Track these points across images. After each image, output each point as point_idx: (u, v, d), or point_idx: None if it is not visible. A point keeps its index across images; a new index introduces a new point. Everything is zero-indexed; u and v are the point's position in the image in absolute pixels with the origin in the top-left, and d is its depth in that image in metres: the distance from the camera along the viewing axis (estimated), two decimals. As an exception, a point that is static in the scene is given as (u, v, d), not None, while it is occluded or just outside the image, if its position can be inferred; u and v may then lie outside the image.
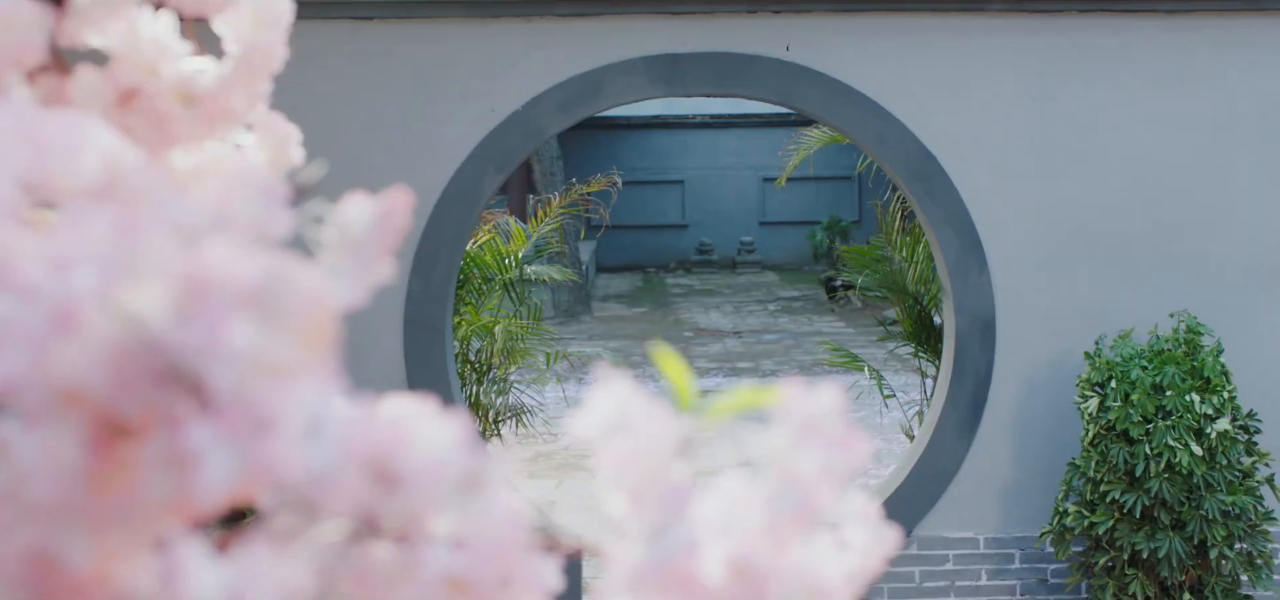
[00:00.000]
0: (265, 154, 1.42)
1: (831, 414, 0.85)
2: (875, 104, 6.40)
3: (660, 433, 0.81)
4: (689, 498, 0.81)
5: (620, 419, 0.81)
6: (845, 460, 0.85)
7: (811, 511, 0.82)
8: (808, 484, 0.82)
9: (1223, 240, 6.51)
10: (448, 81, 6.32)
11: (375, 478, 0.72)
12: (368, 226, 0.97)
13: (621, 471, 0.81)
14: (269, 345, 0.70)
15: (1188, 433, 5.73)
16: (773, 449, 0.82)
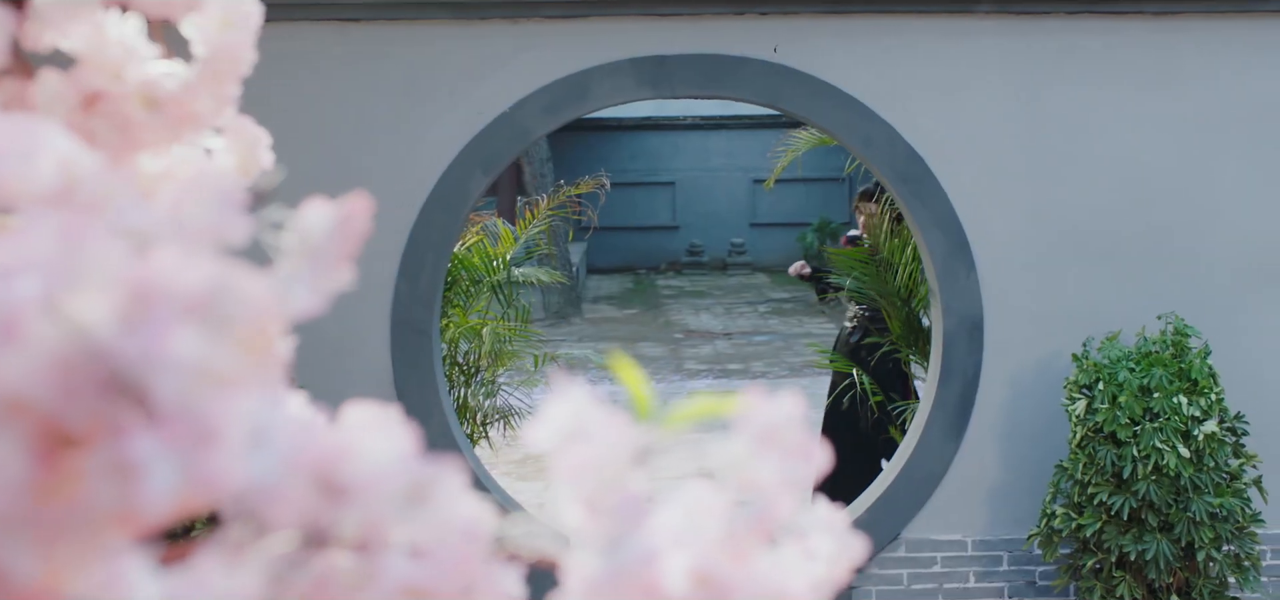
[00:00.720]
0: (234, 158, 1.40)
1: (791, 422, 0.84)
2: (862, 105, 6.39)
3: (617, 441, 0.80)
4: (646, 507, 0.80)
5: (576, 427, 0.80)
6: (804, 469, 0.84)
7: (771, 521, 0.81)
8: (767, 493, 0.81)
9: (1210, 242, 6.51)
10: (435, 83, 6.31)
11: (321, 489, 0.71)
12: (326, 232, 0.96)
13: (578, 480, 0.80)
14: (213, 355, 0.69)
15: (1175, 435, 5.72)
16: (732, 458, 0.82)
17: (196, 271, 0.72)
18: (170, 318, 0.70)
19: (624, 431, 0.80)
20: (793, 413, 0.85)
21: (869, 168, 6.64)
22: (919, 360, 7.76)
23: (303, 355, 6.17)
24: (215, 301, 0.71)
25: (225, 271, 0.73)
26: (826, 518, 0.97)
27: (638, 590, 0.78)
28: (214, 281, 0.72)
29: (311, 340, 6.25)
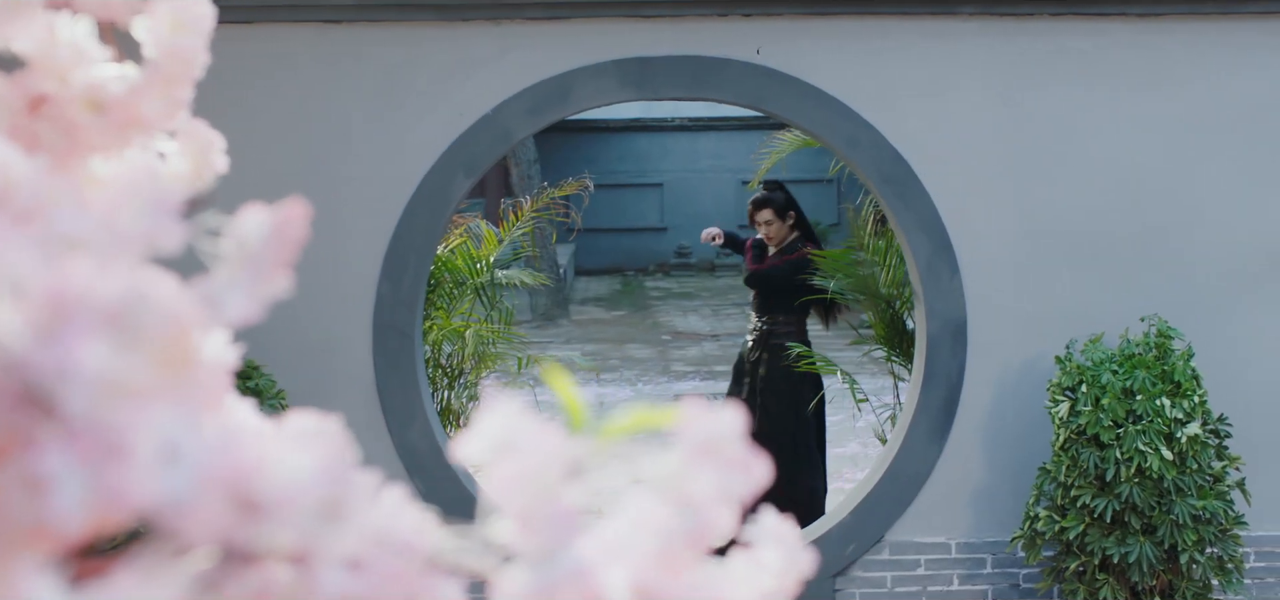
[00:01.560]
0: (187, 162, 1.39)
1: (730, 434, 0.83)
2: (846, 107, 6.39)
3: (550, 454, 0.79)
4: (579, 521, 0.79)
5: (508, 439, 0.79)
6: (744, 482, 0.83)
7: (707, 535, 0.80)
8: (703, 507, 0.80)
9: (1195, 244, 6.51)
10: (416, 85, 6.29)
11: (237, 504, 0.69)
12: (263, 239, 0.94)
13: (509, 494, 0.79)
14: (125, 366, 0.67)
15: (1158, 437, 5.72)
16: (667, 471, 0.80)
17: (112, 282, 0.71)
18: (84, 329, 0.69)
19: (557, 444, 0.79)
20: (732, 425, 0.83)
21: (853, 170, 6.63)
22: (903, 363, 7.75)
23: (285, 358, 6.16)
24: (130, 312, 0.70)
25: (141, 282, 0.71)
26: (774, 529, 0.95)
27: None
28: (129, 292, 0.70)
29: (293, 343, 6.23)
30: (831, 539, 6.59)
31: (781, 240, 8.25)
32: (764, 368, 8.08)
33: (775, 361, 8.07)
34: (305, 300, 6.27)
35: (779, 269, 8.14)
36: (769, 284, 8.14)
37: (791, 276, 8.11)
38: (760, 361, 8.09)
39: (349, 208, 6.31)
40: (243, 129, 6.26)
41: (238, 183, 6.35)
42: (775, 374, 8.06)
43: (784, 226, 8.24)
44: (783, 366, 8.04)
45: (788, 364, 7.98)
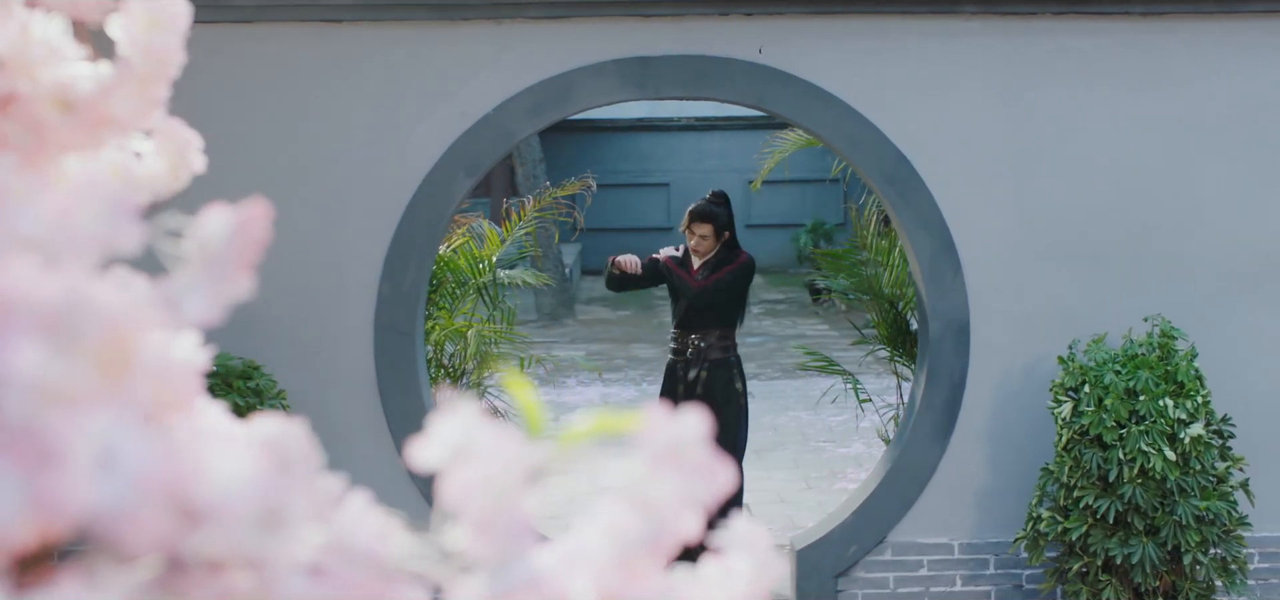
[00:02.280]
0: (164, 162, 1.37)
1: (694, 441, 0.81)
2: (848, 107, 6.37)
3: (507, 460, 0.77)
4: (535, 529, 0.77)
5: (465, 446, 0.77)
6: (707, 488, 0.81)
7: (670, 541, 0.78)
8: (665, 513, 0.78)
9: (1198, 244, 6.49)
10: (417, 85, 6.28)
11: (176, 512, 0.68)
12: (224, 240, 0.93)
13: (466, 500, 0.77)
14: (62, 371, 0.66)
15: (1161, 438, 5.70)
16: (628, 478, 0.78)
17: (51, 285, 0.69)
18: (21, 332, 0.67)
19: (514, 450, 0.77)
20: (696, 431, 0.82)
21: (855, 169, 6.61)
22: (906, 363, 7.73)
23: (286, 358, 6.15)
24: (68, 317, 0.68)
25: (81, 286, 0.69)
26: (745, 535, 0.93)
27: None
28: (68, 296, 0.69)
29: (295, 343, 6.22)
30: (834, 539, 6.57)
31: (709, 253, 7.66)
32: (702, 387, 7.49)
33: (715, 381, 7.52)
34: (307, 300, 6.26)
35: (725, 280, 7.55)
36: (716, 297, 7.54)
37: (742, 288, 7.68)
38: (698, 381, 7.50)
39: (350, 207, 6.30)
40: (244, 128, 6.25)
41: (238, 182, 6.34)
42: (717, 395, 7.47)
43: (716, 243, 7.63)
44: (723, 386, 7.53)
45: (727, 383, 7.52)
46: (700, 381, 7.49)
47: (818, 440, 12.04)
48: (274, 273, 6.28)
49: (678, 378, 7.62)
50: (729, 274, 7.53)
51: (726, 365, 7.54)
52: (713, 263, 7.60)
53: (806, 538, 6.71)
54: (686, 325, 7.59)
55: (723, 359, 7.53)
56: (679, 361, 7.64)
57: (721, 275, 7.52)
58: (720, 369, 7.52)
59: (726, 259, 7.61)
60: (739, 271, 7.59)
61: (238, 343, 6.18)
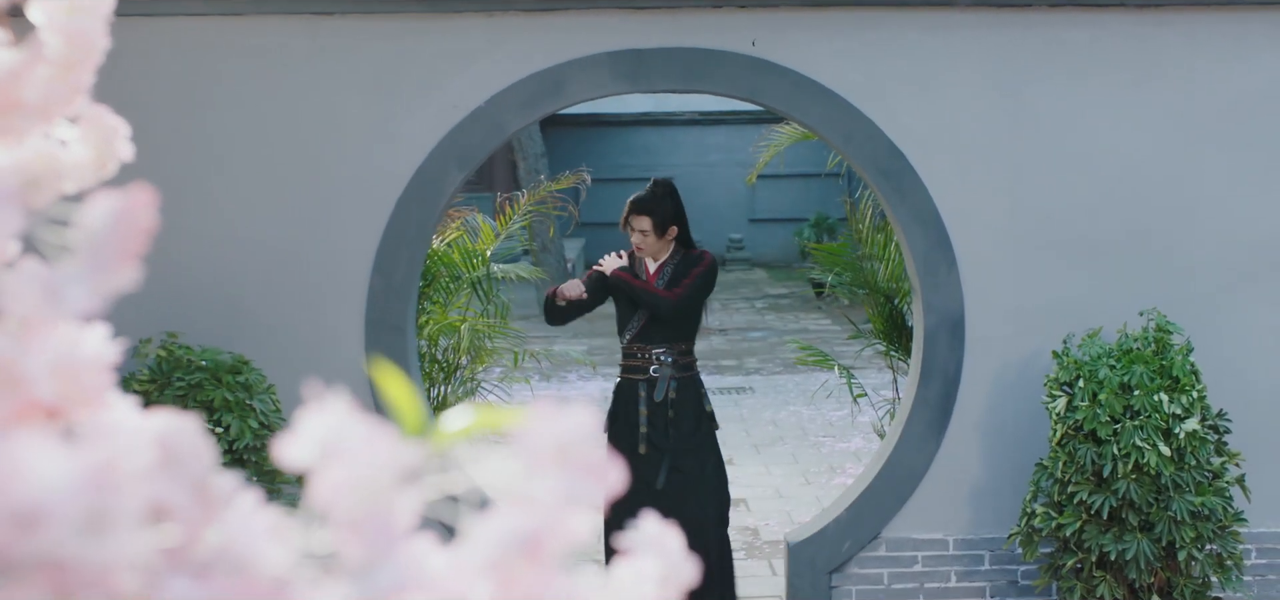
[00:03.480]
0: (90, 150, 1.34)
1: (581, 438, 0.78)
2: (842, 100, 6.33)
3: (380, 459, 0.74)
4: (407, 532, 0.74)
5: (335, 443, 0.74)
6: (595, 487, 0.77)
7: (552, 543, 0.74)
8: (547, 514, 0.75)
9: (1194, 238, 6.44)
10: (408, 78, 6.24)
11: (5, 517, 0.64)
12: (107, 229, 0.89)
13: (335, 501, 0.73)
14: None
15: (1156, 433, 5.65)
16: (508, 478, 0.75)
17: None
18: None
19: (388, 449, 0.74)
20: (583, 428, 0.78)
21: (850, 163, 6.57)
22: (902, 357, 7.68)
23: (276, 353, 6.12)
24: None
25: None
26: (656, 537, 0.90)
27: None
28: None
29: (285, 338, 6.19)
30: (828, 536, 6.53)
31: (657, 253, 6.76)
32: (673, 409, 6.64)
33: (685, 402, 6.68)
34: (297, 294, 6.23)
35: (696, 285, 6.68)
36: (688, 307, 6.67)
37: (705, 293, 6.78)
38: (667, 403, 6.63)
39: (341, 201, 6.27)
40: (234, 122, 6.22)
41: (230, 175, 6.28)
42: (690, 417, 6.68)
43: (663, 242, 6.71)
44: (695, 406, 6.72)
45: (697, 401, 6.72)
46: (669, 403, 6.63)
47: (817, 435, 12.01)
48: (264, 267, 6.27)
49: (637, 398, 6.68)
50: (698, 278, 6.69)
51: (693, 383, 6.74)
52: (676, 266, 6.73)
53: (800, 533, 6.67)
54: (647, 339, 6.70)
55: (689, 376, 6.72)
56: (639, 380, 6.70)
57: (692, 280, 6.66)
58: (688, 387, 6.70)
59: (690, 262, 6.74)
60: (706, 275, 6.71)
61: (227, 337, 6.15)
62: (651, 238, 6.65)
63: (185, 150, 6.20)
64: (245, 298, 6.24)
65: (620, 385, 6.86)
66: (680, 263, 6.72)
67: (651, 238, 6.65)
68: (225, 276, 6.23)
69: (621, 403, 6.78)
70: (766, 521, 9.32)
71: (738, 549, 8.62)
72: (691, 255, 6.74)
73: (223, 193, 6.24)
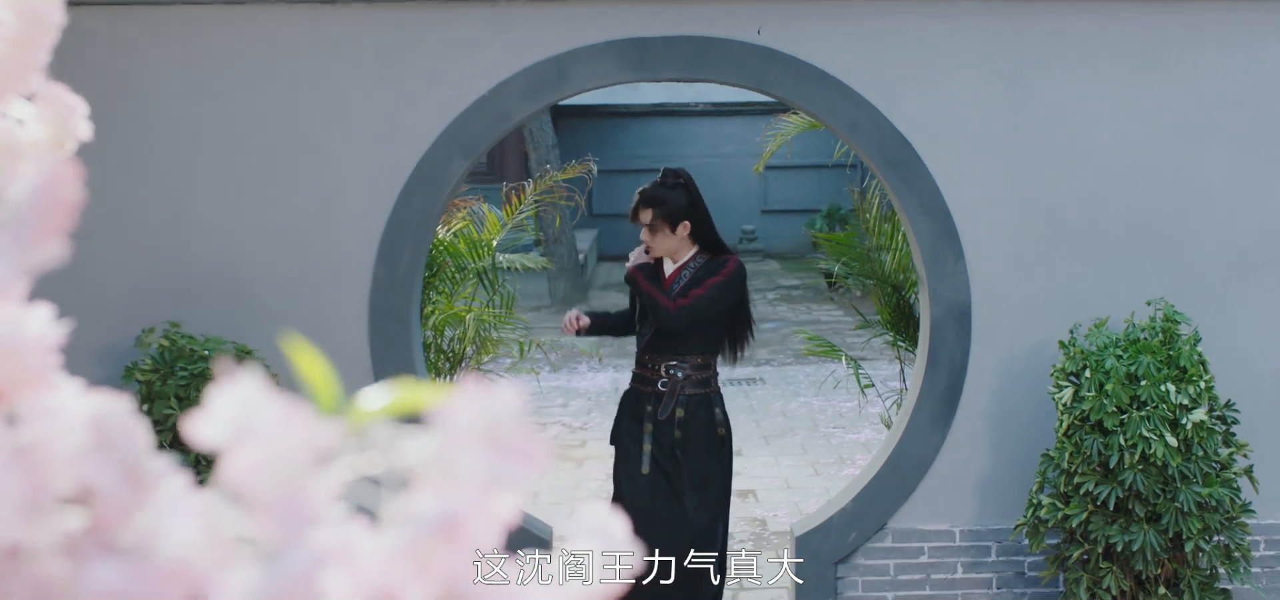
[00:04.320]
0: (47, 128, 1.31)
1: (509, 418, 0.75)
2: (849, 89, 6.29)
3: (293, 440, 0.71)
4: (320, 514, 0.71)
5: (247, 422, 0.71)
6: (522, 469, 0.75)
7: (471, 526, 0.72)
8: (470, 495, 0.72)
9: (1202, 228, 6.40)
10: (411, 66, 6.22)
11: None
12: (30, 203, 0.87)
13: (250, 482, 0.71)
14: None
15: (1163, 423, 5.62)
16: (429, 457, 0.72)
17: None
18: None
19: (304, 428, 0.71)
20: (511, 408, 0.76)
21: (857, 153, 6.54)
22: (909, 348, 7.65)
23: (278, 343, 6.10)
24: None
25: None
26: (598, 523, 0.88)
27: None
28: None
29: (288, 326, 6.18)
30: (833, 526, 6.51)
31: (675, 252, 6.29)
32: (680, 430, 6.19)
33: (694, 423, 6.22)
34: (300, 283, 6.22)
35: (708, 296, 6.17)
36: (696, 319, 6.15)
37: (727, 303, 6.27)
38: (674, 422, 6.18)
39: (345, 190, 6.26)
40: (238, 110, 6.21)
41: (233, 165, 6.27)
42: (697, 440, 6.21)
43: (675, 238, 6.26)
44: (705, 429, 6.24)
45: (708, 423, 6.24)
46: (676, 423, 6.16)
47: (827, 426, 11.98)
48: (268, 256, 6.25)
49: (643, 415, 6.25)
50: (714, 287, 6.17)
51: (706, 402, 6.23)
52: (696, 271, 6.25)
53: (806, 524, 6.65)
54: (658, 349, 6.23)
55: (702, 394, 6.22)
56: (647, 393, 6.27)
57: (704, 289, 6.15)
58: (700, 407, 6.21)
59: (711, 268, 6.24)
60: (726, 284, 6.20)
61: (231, 326, 6.14)
62: (661, 234, 6.22)
63: (188, 139, 6.19)
64: (249, 287, 6.23)
65: (627, 394, 6.43)
66: (701, 267, 6.24)
67: (661, 234, 6.22)
68: (229, 266, 6.22)
69: (626, 414, 6.37)
70: (775, 512, 9.30)
71: (746, 540, 8.61)
72: (715, 261, 6.25)
73: (226, 182, 6.23)
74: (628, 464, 6.27)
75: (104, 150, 6.14)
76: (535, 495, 9.76)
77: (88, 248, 6.14)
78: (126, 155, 6.18)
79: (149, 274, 6.20)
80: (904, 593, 6.53)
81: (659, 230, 6.23)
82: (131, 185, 6.19)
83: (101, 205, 6.17)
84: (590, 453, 11.03)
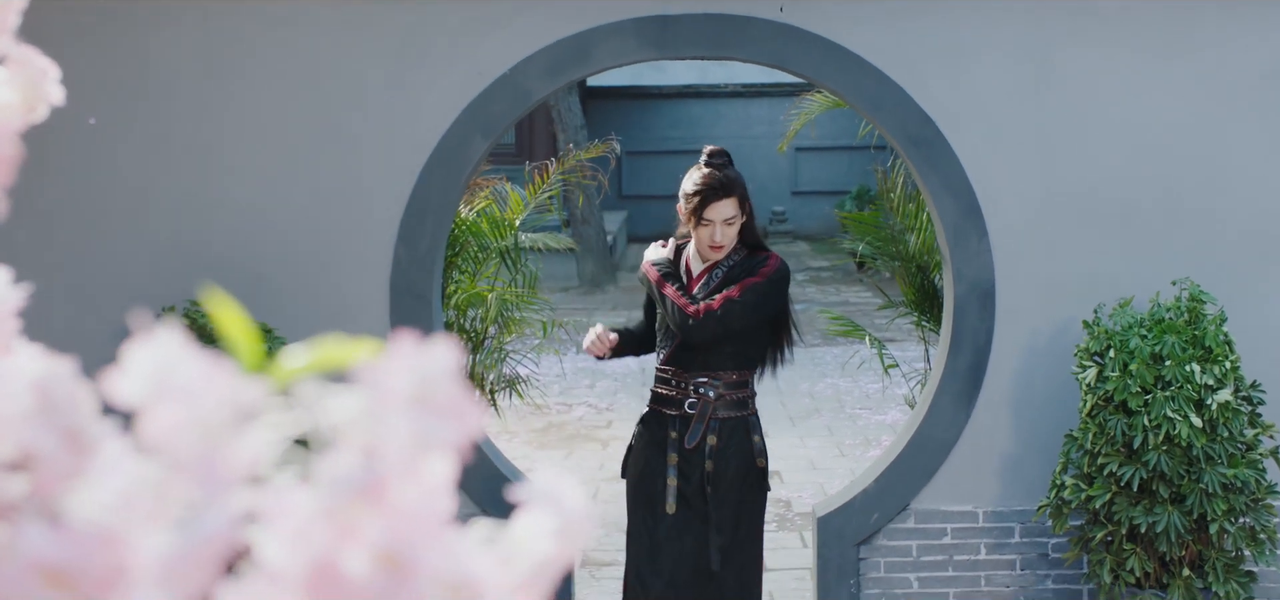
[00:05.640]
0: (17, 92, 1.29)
1: (439, 376, 0.73)
2: (871, 67, 6.25)
3: (215, 398, 0.69)
4: (239, 474, 0.69)
5: (166, 380, 0.69)
6: (452, 428, 0.73)
7: (394, 487, 0.70)
8: (394, 456, 0.70)
9: (1227, 207, 6.34)
10: (432, 45, 6.20)
11: None
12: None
13: (165, 441, 0.69)
14: None
15: (1187, 404, 5.56)
16: (352, 415, 0.70)
17: None
18: None
19: (222, 386, 0.69)
20: (442, 366, 0.73)
21: (880, 131, 6.50)
22: (933, 328, 7.60)
23: (300, 321, 6.11)
24: None
25: None
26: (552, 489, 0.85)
27: (212, 567, 0.67)
28: None
29: (309, 306, 6.18)
30: (855, 507, 6.47)
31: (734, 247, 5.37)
32: (713, 460, 5.24)
33: (729, 453, 5.27)
34: (321, 263, 6.21)
35: (744, 301, 5.19)
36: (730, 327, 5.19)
37: (772, 307, 5.37)
38: (703, 453, 5.23)
39: (365, 170, 6.25)
40: (259, 89, 6.20)
41: (253, 144, 6.26)
42: (730, 474, 5.27)
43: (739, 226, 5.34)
44: (739, 460, 5.30)
45: (744, 453, 5.31)
46: (706, 453, 5.22)
47: (854, 407, 11.95)
48: (288, 235, 6.25)
49: (666, 443, 5.27)
50: (750, 290, 5.20)
51: (743, 427, 5.30)
52: (730, 270, 5.30)
53: (828, 505, 6.61)
54: (684, 363, 5.28)
55: (738, 419, 5.29)
56: (671, 416, 5.29)
57: (738, 292, 5.18)
58: (735, 432, 5.27)
59: (747, 266, 5.30)
60: (766, 287, 5.25)
61: (252, 305, 6.14)
62: (737, 225, 5.26)
63: (208, 119, 6.19)
64: (269, 267, 6.23)
65: (646, 418, 5.44)
66: (736, 266, 5.29)
67: (737, 225, 5.26)
68: (249, 245, 6.23)
69: (644, 445, 5.37)
70: (799, 493, 9.27)
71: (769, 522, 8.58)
72: (754, 259, 5.31)
73: (246, 162, 6.23)
74: (648, 503, 5.30)
75: (125, 131, 6.15)
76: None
77: (107, 225, 6.15)
78: (147, 136, 6.19)
79: (170, 254, 6.21)
80: (926, 573, 6.50)
81: (736, 221, 5.25)
82: (153, 166, 6.19)
83: (123, 185, 6.18)
84: (615, 434, 11.02)
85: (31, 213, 6.16)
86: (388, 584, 0.71)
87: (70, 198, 6.21)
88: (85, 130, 6.11)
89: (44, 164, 6.17)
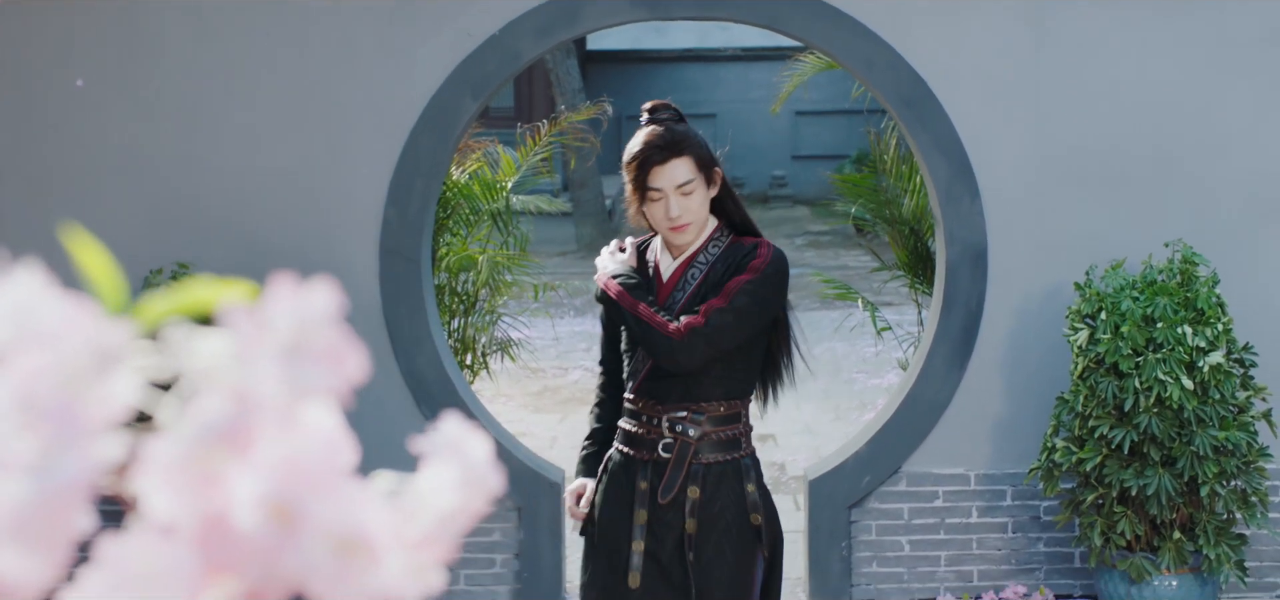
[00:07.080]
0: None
1: (317, 321, 0.70)
2: (863, 27, 6.21)
3: (75, 341, 0.66)
4: (97, 421, 0.66)
5: (24, 323, 0.66)
6: (331, 375, 0.70)
7: (258, 435, 0.67)
8: (264, 402, 0.67)
9: (1222, 169, 6.30)
10: (422, 6, 6.16)
11: None
12: None
13: (24, 387, 0.66)
14: None
15: (1179, 366, 5.53)
16: (217, 359, 0.67)
17: None
18: None
19: (85, 328, 0.66)
20: (319, 310, 0.70)
21: (871, 91, 6.47)
22: (926, 291, 7.58)
23: (288, 283, 6.07)
24: None
25: None
26: (456, 439, 0.83)
27: (70, 517, 0.64)
28: None
29: (298, 268, 6.10)
30: (847, 470, 6.45)
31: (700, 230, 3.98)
32: (698, 518, 3.88)
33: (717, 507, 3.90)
34: (310, 225, 6.19)
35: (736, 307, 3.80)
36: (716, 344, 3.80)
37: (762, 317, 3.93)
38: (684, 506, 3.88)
39: (354, 131, 6.22)
40: (247, 50, 6.17)
41: (241, 104, 6.22)
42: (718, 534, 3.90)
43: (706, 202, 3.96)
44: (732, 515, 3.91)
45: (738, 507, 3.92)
46: (686, 509, 3.89)
47: (850, 371, 11.93)
48: (276, 196, 6.22)
49: (633, 495, 3.94)
50: (742, 292, 3.82)
51: (734, 474, 3.95)
52: (713, 266, 3.94)
53: (820, 468, 6.59)
54: (657, 393, 3.93)
55: (728, 462, 3.94)
56: (642, 461, 3.95)
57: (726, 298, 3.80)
58: (723, 481, 3.93)
59: (733, 260, 3.92)
60: (760, 284, 3.85)
61: (240, 267, 6.11)
62: (698, 195, 3.89)
63: (196, 78, 6.16)
64: (258, 228, 6.20)
65: (612, 469, 4.06)
66: (718, 258, 3.96)
67: (698, 195, 3.89)
68: (237, 206, 6.20)
69: (610, 499, 4.04)
70: (794, 456, 9.26)
71: (763, 484, 8.56)
72: (740, 248, 3.96)
73: (235, 122, 6.20)
74: (608, 574, 4.03)
75: (112, 90, 6.12)
76: (553, 440, 9.74)
77: (96, 188, 6.13)
78: (135, 95, 6.16)
79: (157, 215, 6.18)
80: (918, 536, 6.48)
81: (696, 189, 3.89)
82: (140, 126, 6.17)
83: (109, 146, 6.15)
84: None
85: (19, 175, 6.13)
86: (276, 536, 0.68)
87: (58, 160, 6.18)
88: (73, 92, 6.08)
89: (32, 126, 6.14)
